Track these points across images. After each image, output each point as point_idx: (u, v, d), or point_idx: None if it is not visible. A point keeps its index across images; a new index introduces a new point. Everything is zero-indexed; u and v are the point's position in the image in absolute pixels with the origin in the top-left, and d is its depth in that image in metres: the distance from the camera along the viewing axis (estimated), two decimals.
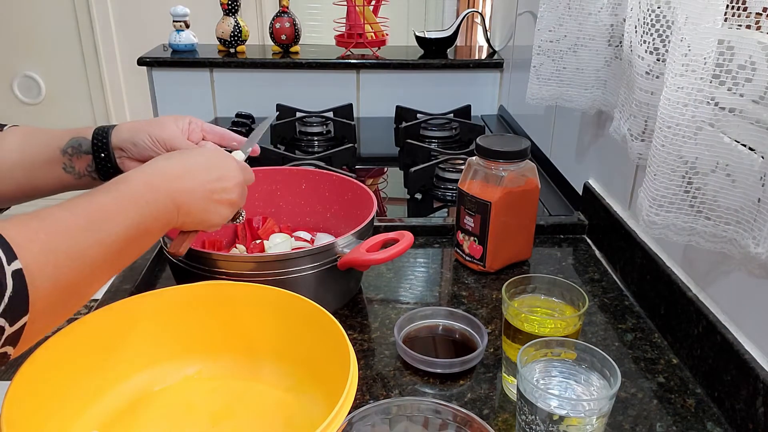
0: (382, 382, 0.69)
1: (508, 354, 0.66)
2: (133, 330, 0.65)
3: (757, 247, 0.55)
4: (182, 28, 1.74)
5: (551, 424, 0.52)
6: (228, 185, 0.66)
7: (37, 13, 2.85)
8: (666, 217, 0.63)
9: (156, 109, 1.74)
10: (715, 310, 0.67)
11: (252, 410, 0.64)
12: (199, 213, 0.63)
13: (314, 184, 0.94)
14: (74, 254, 0.49)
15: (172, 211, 0.60)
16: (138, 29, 2.84)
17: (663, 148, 0.61)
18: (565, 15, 0.91)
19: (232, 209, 0.67)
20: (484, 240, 0.88)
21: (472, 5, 2.39)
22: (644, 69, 0.70)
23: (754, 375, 0.59)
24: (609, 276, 0.91)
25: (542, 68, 0.98)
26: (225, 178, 0.65)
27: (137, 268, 0.88)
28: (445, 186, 1.19)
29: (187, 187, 0.61)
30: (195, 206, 0.63)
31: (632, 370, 0.71)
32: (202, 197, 0.63)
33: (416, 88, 1.74)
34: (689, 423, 0.63)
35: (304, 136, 1.50)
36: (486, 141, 0.87)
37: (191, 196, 0.62)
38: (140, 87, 2.26)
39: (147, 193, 0.57)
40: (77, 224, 0.50)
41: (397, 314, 0.81)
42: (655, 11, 0.68)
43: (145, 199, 0.57)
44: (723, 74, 0.57)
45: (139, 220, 0.55)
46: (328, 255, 0.75)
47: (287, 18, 1.72)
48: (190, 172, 0.63)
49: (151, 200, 0.57)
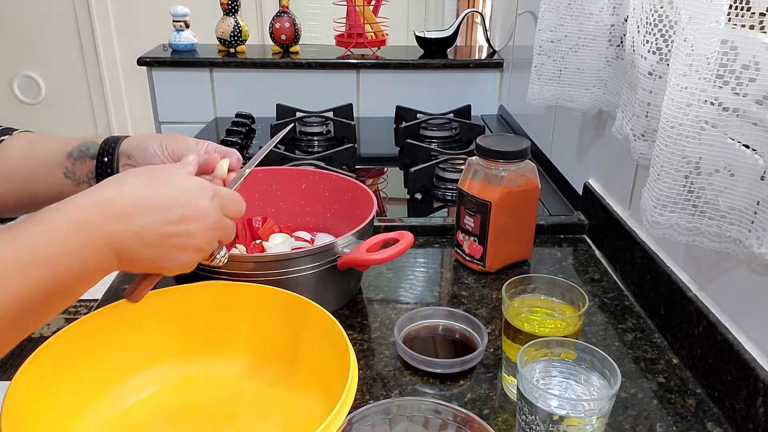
0: (382, 382, 0.69)
1: (508, 354, 0.66)
2: (133, 330, 0.65)
3: (761, 247, 0.55)
4: (182, 28, 1.74)
5: (551, 424, 0.52)
6: (192, 228, 0.53)
7: (37, 13, 2.85)
8: (669, 217, 0.63)
9: (156, 109, 1.74)
10: (715, 310, 0.67)
11: (252, 410, 0.64)
12: (149, 260, 0.52)
13: (314, 184, 0.94)
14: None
15: (110, 258, 0.49)
16: (138, 29, 2.84)
17: (666, 148, 0.61)
18: (566, 15, 0.91)
19: (197, 255, 0.55)
20: (484, 240, 0.87)
21: (472, 5, 2.39)
22: (647, 69, 0.70)
23: (754, 375, 0.58)
24: (609, 276, 0.91)
25: (543, 68, 0.98)
26: (189, 219, 0.53)
27: None
28: (445, 186, 1.19)
29: (133, 229, 0.50)
30: (142, 253, 0.51)
31: (632, 370, 0.71)
32: (155, 242, 0.51)
33: (416, 88, 1.74)
34: (689, 423, 0.63)
35: (304, 136, 1.50)
36: (486, 141, 0.87)
37: (138, 240, 0.50)
38: (140, 87, 2.27)
39: (69, 239, 0.46)
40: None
41: (397, 314, 0.80)
42: (658, 11, 0.68)
43: (66, 249, 0.46)
44: (726, 74, 0.57)
45: (54, 276, 0.45)
46: (328, 255, 0.75)
47: (287, 18, 1.72)
48: (142, 209, 0.50)
49: (73, 250, 0.46)
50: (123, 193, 0.50)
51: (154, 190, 0.52)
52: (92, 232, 0.47)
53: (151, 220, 0.51)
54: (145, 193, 0.51)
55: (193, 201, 0.54)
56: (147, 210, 0.51)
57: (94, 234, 0.48)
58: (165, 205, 0.52)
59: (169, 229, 0.52)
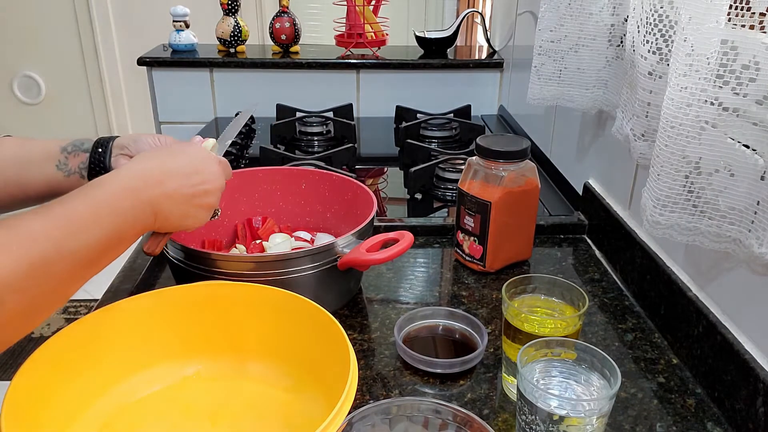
0: (382, 382, 0.69)
1: (508, 354, 0.66)
2: (132, 330, 0.65)
3: (761, 247, 0.55)
4: (182, 28, 1.74)
5: (551, 424, 0.52)
6: (209, 188, 0.64)
7: (37, 13, 2.85)
8: (670, 217, 0.63)
9: (156, 109, 1.74)
10: (715, 310, 0.67)
11: (252, 410, 0.64)
12: (178, 218, 0.62)
13: (314, 184, 0.94)
14: (47, 265, 0.48)
15: (150, 217, 0.59)
16: (138, 29, 2.84)
17: (666, 148, 0.61)
18: (566, 15, 0.91)
19: (210, 211, 0.66)
20: (484, 240, 0.87)
21: (472, 5, 2.39)
22: (647, 69, 0.70)
23: (754, 375, 0.58)
24: (609, 276, 0.91)
25: (543, 68, 0.98)
26: (207, 182, 0.64)
27: (137, 268, 0.88)
28: (445, 186, 1.19)
29: (167, 192, 0.60)
30: (174, 211, 0.61)
31: (632, 370, 0.71)
32: (183, 201, 0.62)
33: (416, 88, 1.74)
34: (689, 423, 0.63)
35: (304, 136, 1.50)
36: (486, 141, 0.87)
37: (171, 201, 0.60)
38: (140, 87, 2.26)
39: (125, 199, 0.56)
40: (51, 235, 0.49)
41: (397, 314, 0.80)
42: (658, 11, 0.68)
43: (123, 206, 0.56)
44: (726, 74, 0.57)
45: (115, 228, 0.54)
46: (328, 255, 0.75)
47: (287, 18, 1.72)
48: (171, 176, 0.61)
49: (128, 207, 0.56)
50: (153, 165, 0.61)
51: (176, 161, 0.63)
52: (139, 196, 0.57)
53: (181, 182, 0.61)
54: (171, 162, 0.62)
55: (208, 167, 0.65)
56: (175, 176, 0.61)
57: (140, 197, 0.57)
58: (189, 172, 0.62)
59: (194, 190, 0.62)
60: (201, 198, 0.63)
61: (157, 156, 0.63)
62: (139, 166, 0.60)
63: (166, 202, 0.60)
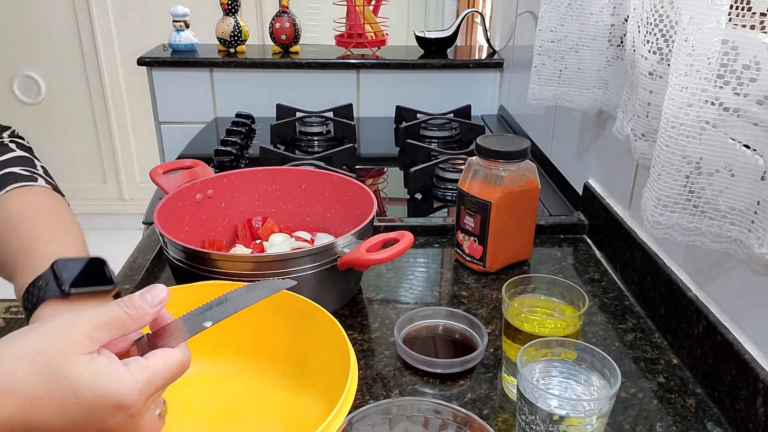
0: (382, 382, 0.69)
1: (508, 354, 0.66)
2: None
3: (761, 248, 0.55)
4: (182, 28, 1.74)
5: (551, 424, 0.52)
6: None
7: (37, 13, 2.85)
8: (670, 218, 0.63)
9: (156, 110, 1.74)
10: (715, 310, 0.67)
11: (252, 410, 0.64)
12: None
13: (314, 184, 0.94)
14: None
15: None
16: (138, 29, 2.84)
17: (667, 148, 0.61)
18: (566, 15, 0.91)
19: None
20: (484, 240, 0.87)
21: (472, 5, 2.39)
22: (647, 69, 0.70)
23: (754, 375, 0.58)
24: (609, 276, 0.91)
25: (543, 68, 0.98)
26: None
27: (137, 269, 0.88)
28: (445, 186, 1.19)
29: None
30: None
31: (632, 370, 0.71)
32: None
33: (416, 88, 1.74)
34: (689, 423, 0.63)
35: (304, 136, 1.50)
36: (486, 141, 0.87)
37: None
38: (140, 87, 2.26)
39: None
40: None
41: (397, 314, 0.80)
42: (659, 11, 0.68)
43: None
44: (727, 74, 0.57)
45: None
46: (328, 255, 0.75)
47: (287, 18, 1.72)
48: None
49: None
50: (11, 411, 0.40)
51: (47, 413, 0.41)
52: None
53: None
54: (38, 413, 0.40)
55: (99, 421, 0.42)
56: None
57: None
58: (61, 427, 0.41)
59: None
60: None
61: (22, 389, 0.40)
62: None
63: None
